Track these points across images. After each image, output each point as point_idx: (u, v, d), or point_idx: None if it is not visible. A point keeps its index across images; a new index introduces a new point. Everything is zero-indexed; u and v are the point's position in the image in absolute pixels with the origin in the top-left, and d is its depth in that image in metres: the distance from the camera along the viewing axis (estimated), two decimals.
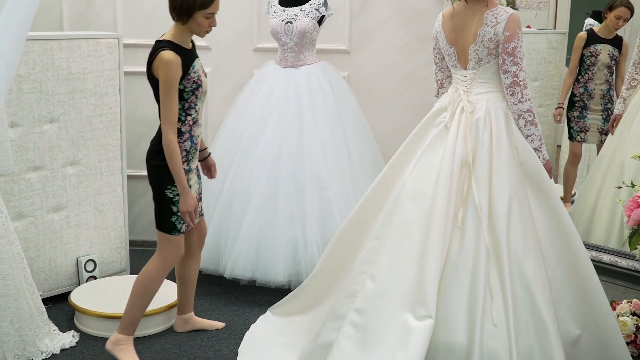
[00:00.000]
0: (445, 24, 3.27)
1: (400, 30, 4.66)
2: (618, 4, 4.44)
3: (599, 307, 3.15)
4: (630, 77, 4.36)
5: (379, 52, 4.69)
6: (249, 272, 4.06)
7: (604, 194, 4.45)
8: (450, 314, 2.96)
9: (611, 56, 4.57)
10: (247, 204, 4.08)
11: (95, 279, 4.11)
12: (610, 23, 4.47)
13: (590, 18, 4.85)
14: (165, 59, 3.16)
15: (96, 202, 4.10)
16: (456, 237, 3.04)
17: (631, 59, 4.35)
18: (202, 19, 3.23)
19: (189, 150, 3.31)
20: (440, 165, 3.13)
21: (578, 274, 3.15)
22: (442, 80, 3.45)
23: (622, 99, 4.41)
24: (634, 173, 4.22)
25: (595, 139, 4.71)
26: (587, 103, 4.71)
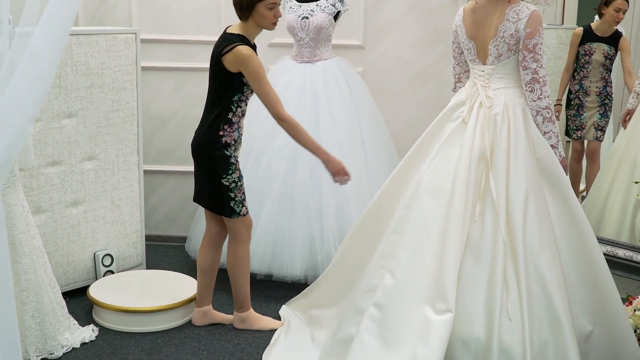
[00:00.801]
0: (466, 18, 3.28)
1: (414, 26, 4.67)
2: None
3: (612, 303, 3.17)
4: None
5: (394, 47, 4.70)
6: (265, 266, 4.08)
7: (615, 189, 4.47)
8: (468, 308, 2.98)
9: (606, 55, 4.58)
10: (264, 199, 4.10)
11: (112, 273, 4.12)
12: (610, 18, 4.48)
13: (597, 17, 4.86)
14: (244, 54, 3.27)
15: (113, 197, 4.12)
16: (474, 231, 3.05)
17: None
18: (265, 10, 3.32)
19: (236, 139, 3.44)
20: (458, 159, 3.14)
21: (592, 270, 3.16)
22: (459, 74, 3.47)
23: (635, 94, 4.42)
24: None
25: (591, 135, 4.73)
26: (582, 100, 4.72)
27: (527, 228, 3.02)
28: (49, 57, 2.23)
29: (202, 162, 3.46)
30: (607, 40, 4.54)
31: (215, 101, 3.41)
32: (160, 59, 4.75)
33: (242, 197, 3.48)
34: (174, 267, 4.50)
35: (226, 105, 3.38)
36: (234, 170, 3.44)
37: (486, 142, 3.13)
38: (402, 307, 3.02)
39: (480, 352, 2.93)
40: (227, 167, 3.42)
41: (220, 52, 3.32)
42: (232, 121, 3.40)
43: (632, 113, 4.44)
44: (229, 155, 3.41)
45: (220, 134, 3.39)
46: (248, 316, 3.69)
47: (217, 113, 3.39)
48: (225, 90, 3.37)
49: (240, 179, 3.47)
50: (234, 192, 3.45)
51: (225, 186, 3.43)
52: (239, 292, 3.65)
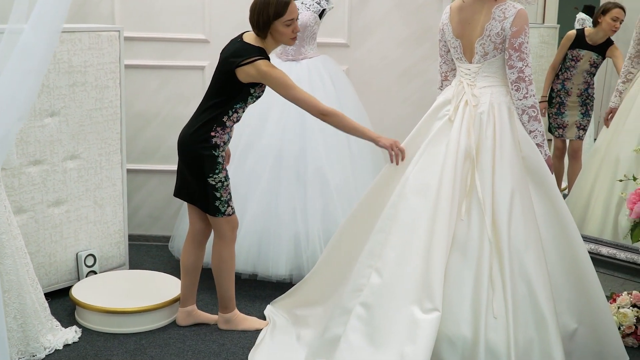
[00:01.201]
0: (452, 17, 3.28)
1: (400, 24, 4.66)
2: (612, 6, 4.48)
3: (596, 301, 3.19)
4: (627, 70, 4.39)
5: (379, 45, 4.69)
6: (250, 266, 4.06)
7: (598, 187, 4.48)
8: (455, 307, 2.98)
9: (592, 63, 4.61)
10: (249, 199, 4.07)
11: (95, 273, 4.08)
12: (607, 27, 4.51)
13: (582, 13, 4.88)
14: (265, 71, 3.28)
15: (96, 197, 4.07)
16: (460, 230, 3.05)
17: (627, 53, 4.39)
18: (282, 28, 3.32)
19: (226, 142, 3.44)
20: (444, 158, 3.14)
21: (577, 269, 3.18)
22: (446, 72, 3.46)
23: (617, 92, 4.44)
24: (629, 166, 4.25)
25: (573, 134, 4.75)
26: (564, 100, 4.75)
27: (512, 227, 3.02)
28: (40, 54, 2.20)
29: (188, 160, 3.43)
30: (597, 48, 4.58)
31: (214, 103, 3.38)
32: (143, 56, 4.70)
33: (227, 197, 3.46)
34: (157, 266, 4.46)
35: (225, 109, 3.37)
36: (221, 170, 3.41)
37: (472, 140, 3.12)
38: (389, 306, 3.01)
39: (467, 351, 2.94)
40: (215, 166, 3.39)
41: (237, 62, 3.29)
42: (226, 125, 3.39)
43: (614, 111, 4.46)
44: (216, 155, 3.39)
45: (212, 134, 3.37)
46: (233, 317, 3.66)
47: (213, 114, 3.36)
48: (228, 96, 3.36)
49: (226, 179, 3.45)
50: (219, 192, 3.42)
51: (212, 185, 3.41)
52: (224, 293, 3.62)
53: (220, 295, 3.63)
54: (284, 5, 3.29)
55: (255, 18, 3.32)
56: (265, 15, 3.28)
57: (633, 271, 3.98)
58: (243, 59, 3.28)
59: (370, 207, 3.39)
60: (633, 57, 4.37)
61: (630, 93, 4.38)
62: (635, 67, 4.39)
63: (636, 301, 3.63)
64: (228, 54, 3.36)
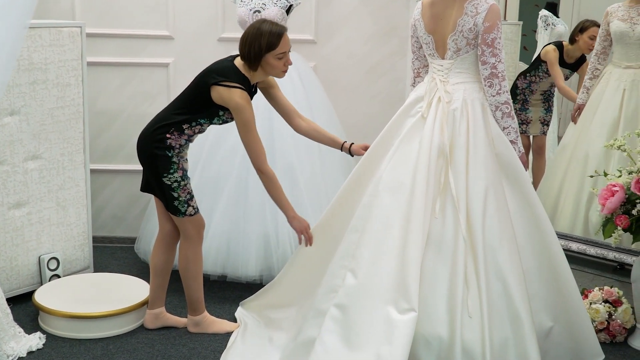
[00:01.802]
0: (424, 12, 3.23)
1: (367, 21, 4.62)
2: (589, 25, 4.50)
3: (571, 299, 3.18)
4: (594, 67, 4.41)
5: (346, 42, 4.64)
6: (219, 267, 3.98)
7: (567, 183, 4.50)
8: (430, 306, 2.94)
9: (564, 77, 4.65)
10: (217, 198, 3.99)
11: (58, 277, 3.95)
12: (584, 45, 4.55)
13: (544, 10, 4.89)
14: (238, 104, 3.20)
15: (58, 198, 3.94)
16: (435, 228, 3.02)
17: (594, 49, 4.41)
18: (273, 61, 3.23)
19: (182, 145, 3.34)
20: (417, 155, 3.10)
21: (551, 266, 3.17)
22: (418, 69, 3.42)
23: (585, 89, 4.46)
24: (599, 162, 4.28)
25: (537, 130, 4.77)
26: (527, 97, 4.78)
27: (486, 224, 3.00)
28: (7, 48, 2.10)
29: (144, 159, 3.37)
30: (572, 65, 4.61)
31: (181, 109, 3.31)
32: (106, 53, 4.58)
33: (187, 197, 3.36)
34: (122, 269, 4.35)
35: (189, 119, 3.30)
36: (176, 170, 3.32)
37: (445, 137, 3.09)
38: (364, 307, 2.96)
39: (443, 351, 2.90)
40: (168, 166, 3.30)
41: (217, 80, 3.22)
42: (184, 131, 3.32)
43: (582, 108, 4.48)
44: (170, 155, 3.31)
45: (168, 136, 3.30)
46: (202, 320, 3.58)
47: (175, 120, 3.29)
48: (196, 108, 3.29)
49: (183, 179, 3.35)
50: (177, 192, 3.33)
51: (167, 185, 3.32)
52: (192, 295, 3.54)
53: (188, 297, 3.55)
54: (277, 37, 3.20)
55: (246, 49, 3.22)
56: (256, 47, 3.18)
57: (602, 267, 3.99)
58: (223, 80, 3.21)
59: (342, 206, 3.34)
60: (599, 53, 4.39)
61: (597, 89, 4.41)
62: (602, 63, 4.41)
63: (608, 297, 3.64)
64: (213, 69, 3.29)
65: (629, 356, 3.49)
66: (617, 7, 4.26)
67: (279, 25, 3.24)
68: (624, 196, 3.38)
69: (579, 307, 3.18)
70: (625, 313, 3.60)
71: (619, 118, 4.28)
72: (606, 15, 4.30)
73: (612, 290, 3.67)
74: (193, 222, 3.41)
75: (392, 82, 4.66)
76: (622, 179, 3.44)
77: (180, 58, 4.63)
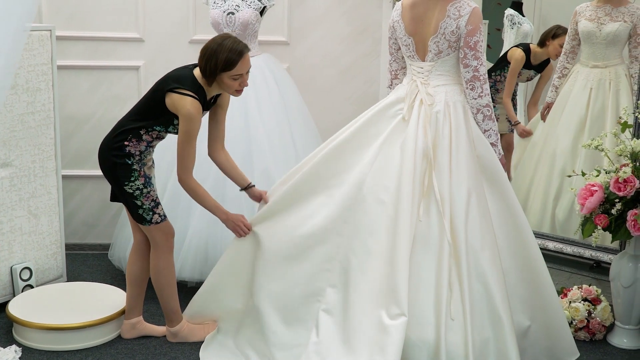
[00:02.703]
0: (404, 14, 3.22)
1: (340, 21, 4.59)
2: (561, 33, 4.54)
3: (548, 299, 3.21)
4: (562, 66, 4.45)
5: (320, 43, 4.61)
6: (197, 273, 3.91)
7: (536, 181, 4.54)
8: (419, 310, 2.94)
9: (528, 78, 4.69)
10: (194, 205, 3.91)
11: (31, 287, 3.85)
12: (554, 50, 4.58)
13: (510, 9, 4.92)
14: (188, 113, 3.13)
15: (30, 206, 3.84)
16: (420, 231, 3.01)
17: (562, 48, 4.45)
18: (228, 80, 3.15)
19: (142, 151, 3.27)
20: (401, 159, 3.09)
21: (529, 267, 3.19)
22: (396, 71, 3.40)
23: (554, 87, 4.50)
24: (565, 160, 4.33)
25: (505, 128, 4.81)
26: (493, 96, 4.82)
27: (469, 226, 3.00)
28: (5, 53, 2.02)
29: (104, 168, 3.31)
30: (537, 67, 4.65)
31: (139, 115, 3.26)
32: (74, 57, 4.47)
33: (151, 205, 3.29)
34: (95, 277, 4.26)
35: (145, 125, 3.24)
36: (137, 177, 3.25)
37: (429, 140, 3.08)
38: (355, 314, 2.96)
39: (431, 354, 2.90)
40: (129, 174, 3.24)
41: (173, 87, 3.16)
42: (142, 138, 3.25)
43: (551, 106, 4.52)
44: (130, 163, 3.24)
45: (126, 144, 3.24)
46: (180, 330, 3.50)
47: (132, 125, 3.24)
48: (152, 115, 3.23)
49: (146, 186, 3.28)
50: (139, 200, 3.26)
51: (129, 193, 3.26)
52: (166, 305, 3.45)
53: (163, 307, 3.47)
54: (236, 56, 3.11)
55: (203, 64, 3.15)
56: (212, 64, 3.11)
57: (579, 265, 4.04)
58: (179, 87, 3.15)
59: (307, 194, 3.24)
60: (568, 52, 4.43)
61: (565, 88, 4.45)
62: (570, 62, 4.45)
63: (587, 295, 3.68)
64: (170, 76, 3.24)
65: (609, 353, 3.53)
66: (585, 7, 4.31)
67: (241, 44, 3.15)
68: (603, 196, 3.42)
69: (556, 307, 3.21)
70: (604, 311, 3.64)
71: (586, 117, 4.33)
72: (575, 15, 4.34)
73: (591, 288, 3.71)
74: (161, 230, 3.33)
75: (366, 83, 4.65)
76: (600, 179, 3.47)
77: (151, 61, 4.55)
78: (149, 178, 3.30)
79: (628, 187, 3.32)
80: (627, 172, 3.32)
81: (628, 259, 3.53)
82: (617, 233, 3.40)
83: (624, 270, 3.53)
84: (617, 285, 3.58)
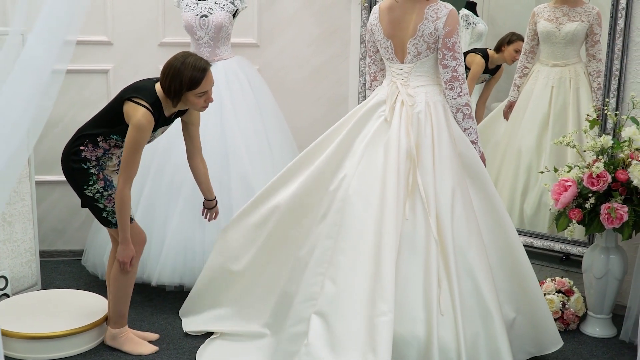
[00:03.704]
0: (382, 17, 3.27)
1: (310, 23, 4.62)
2: (516, 39, 4.66)
3: (532, 291, 3.30)
4: (522, 65, 4.57)
5: (290, 45, 4.63)
6: (177, 278, 3.90)
7: (502, 178, 4.64)
8: (408, 306, 2.99)
9: (483, 80, 4.82)
10: (171, 210, 3.91)
11: (7, 296, 3.78)
12: (509, 56, 4.70)
13: (464, 9, 5.03)
14: (138, 123, 3.11)
15: (4, 214, 3.78)
16: (407, 230, 3.07)
17: (522, 49, 4.57)
18: (193, 98, 3.16)
19: (99, 157, 3.27)
20: (385, 159, 3.14)
21: (513, 261, 3.28)
22: (375, 73, 3.46)
23: (515, 87, 4.62)
24: (531, 157, 4.44)
25: None
26: None
27: (455, 224, 3.07)
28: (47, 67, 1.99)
29: (65, 173, 3.33)
30: (491, 70, 4.77)
31: (98, 122, 3.27)
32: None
33: (114, 207, 3.27)
34: (69, 284, 4.20)
35: (103, 132, 3.24)
36: (96, 181, 3.25)
37: (412, 140, 3.14)
38: (346, 313, 2.98)
39: (421, 350, 2.96)
40: (87, 178, 3.24)
41: (130, 96, 3.16)
42: (98, 144, 3.25)
43: (513, 105, 4.63)
44: (86, 167, 3.24)
45: (82, 148, 3.24)
46: (120, 334, 3.45)
47: (91, 131, 3.25)
48: (111, 124, 3.23)
49: (106, 189, 3.27)
50: (101, 203, 3.26)
51: (90, 197, 3.26)
52: (116, 307, 3.41)
53: (112, 308, 3.42)
54: (199, 77, 3.11)
55: (166, 84, 3.13)
56: (177, 84, 3.10)
57: (549, 258, 4.15)
58: (136, 97, 3.15)
59: (301, 206, 3.32)
60: (528, 52, 4.54)
61: (527, 87, 4.56)
62: (530, 62, 4.57)
63: (560, 287, 3.80)
64: (132, 86, 3.27)
65: (583, 342, 3.65)
66: (543, 8, 4.43)
67: (203, 60, 3.15)
68: (576, 191, 3.53)
69: (539, 299, 3.31)
70: (577, 302, 3.76)
71: (549, 114, 4.45)
72: (533, 16, 4.46)
73: (564, 280, 3.83)
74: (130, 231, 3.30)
75: (336, 84, 4.69)
76: (572, 174, 3.59)
77: (120, 64, 4.50)
78: (110, 181, 3.28)
79: (601, 181, 3.44)
80: (600, 168, 3.44)
81: (600, 251, 3.66)
82: (591, 226, 3.52)
83: (596, 262, 3.66)
84: (589, 276, 3.70)
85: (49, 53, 2.03)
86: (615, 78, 3.82)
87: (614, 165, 3.51)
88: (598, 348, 3.60)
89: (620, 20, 3.76)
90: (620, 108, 3.81)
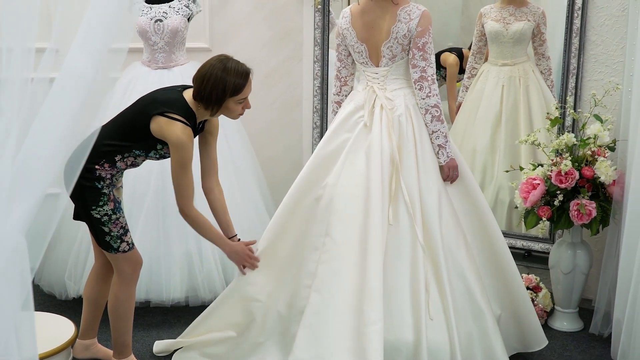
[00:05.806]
0: (354, 21, 3.23)
1: (261, 26, 4.55)
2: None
3: (516, 287, 3.35)
4: (471, 66, 4.62)
5: (242, 48, 4.54)
6: (142, 293, 3.76)
7: None
8: (396, 313, 2.99)
9: (457, 80, 4.87)
10: (133, 221, 3.75)
11: None
12: None
13: None
14: (181, 140, 2.92)
15: None
16: (391, 235, 3.05)
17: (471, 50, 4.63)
18: (234, 105, 3.00)
19: (113, 175, 3.07)
20: (367, 165, 3.10)
21: (497, 259, 3.31)
22: (346, 77, 3.41)
23: (464, 88, 4.67)
24: (485, 156, 4.50)
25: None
26: None
27: (443, 227, 3.08)
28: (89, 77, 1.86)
29: (72, 190, 3.04)
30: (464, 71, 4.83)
31: (115, 138, 3.02)
32: None
33: (120, 232, 3.08)
34: None
35: (122, 149, 3.02)
36: (106, 202, 3.03)
37: (394, 144, 3.12)
38: (333, 323, 2.94)
39: (410, 355, 2.95)
40: (98, 198, 3.02)
41: (161, 110, 2.95)
42: (116, 164, 3.05)
43: (460, 106, 4.69)
44: (99, 187, 3.02)
45: (97, 167, 3.01)
46: None
47: (107, 149, 3.00)
48: (132, 138, 3.01)
49: (115, 212, 3.06)
50: (107, 227, 3.05)
51: (97, 219, 3.04)
52: (119, 338, 3.23)
53: (115, 339, 3.24)
54: (243, 83, 2.99)
55: (207, 91, 2.94)
56: (219, 92, 2.94)
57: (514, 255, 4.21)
58: (168, 111, 2.95)
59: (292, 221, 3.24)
60: (475, 53, 4.60)
61: (477, 87, 4.61)
62: (479, 62, 4.63)
63: (528, 284, 3.85)
64: (158, 98, 3.03)
65: (552, 337, 3.71)
66: (490, 9, 4.49)
67: (244, 65, 3.02)
68: (544, 188, 3.59)
69: (523, 296, 3.35)
70: (545, 298, 3.83)
71: (501, 113, 4.51)
72: (480, 17, 4.52)
73: (531, 277, 3.89)
74: (128, 259, 3.13)
75: (289, 87, 4.63)
76: (538, 172, 3.64)
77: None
78: (119, 202, 3.10)
79: (569, 179, 3.51)
80: (568, 165, 3.51)
81: (567, 246, 3.73)
82: (559, 223, 3.59)
83: (563, 257, 3.73)
84: (556, 272, 3.77)
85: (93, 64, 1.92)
86: (573, 76, 3.91)
87: (579, 162, 3.58)
88: (569, 342, 3.67)
89: (577, 19, 3.85)
90: (579, 106, 3.89)
